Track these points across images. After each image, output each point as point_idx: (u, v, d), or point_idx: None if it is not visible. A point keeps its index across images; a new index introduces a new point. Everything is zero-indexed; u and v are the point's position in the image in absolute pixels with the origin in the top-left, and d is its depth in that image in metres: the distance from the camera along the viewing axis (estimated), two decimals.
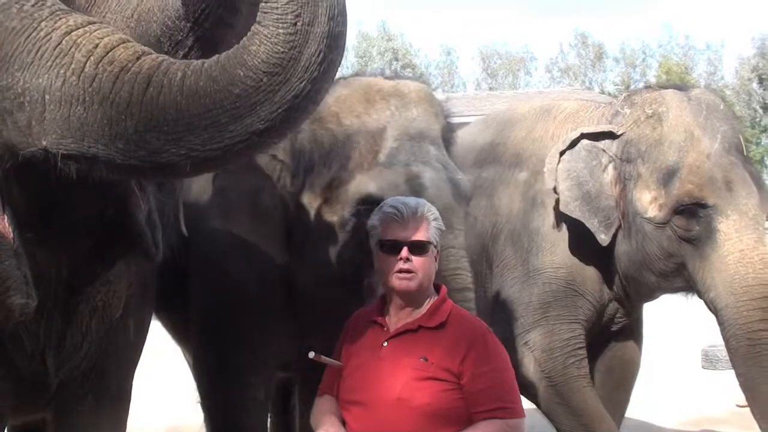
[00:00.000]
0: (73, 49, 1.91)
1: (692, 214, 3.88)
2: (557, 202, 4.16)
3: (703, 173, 3.87)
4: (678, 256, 3.96)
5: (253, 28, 1.91)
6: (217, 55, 1.93)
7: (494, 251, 4.54)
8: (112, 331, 3.01)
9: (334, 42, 1.92)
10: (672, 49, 47.19)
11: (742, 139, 4.03)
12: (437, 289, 2.57)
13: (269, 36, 1.87)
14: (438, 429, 2.35)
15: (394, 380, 2.39)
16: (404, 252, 2.44)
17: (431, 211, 2.52)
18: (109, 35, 1.96)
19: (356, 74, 3.85)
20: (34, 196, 2.26)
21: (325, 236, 3.32)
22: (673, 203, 3.90)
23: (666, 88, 4.27)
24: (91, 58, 1.91)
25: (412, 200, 2.59)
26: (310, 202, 3.33)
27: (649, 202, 3.99)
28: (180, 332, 4.31)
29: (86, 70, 1.90)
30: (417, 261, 2.44)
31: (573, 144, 4.17)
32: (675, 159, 3.93)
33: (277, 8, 1.88)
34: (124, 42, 1.96)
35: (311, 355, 2.50)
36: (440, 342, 2.41)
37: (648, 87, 4.46)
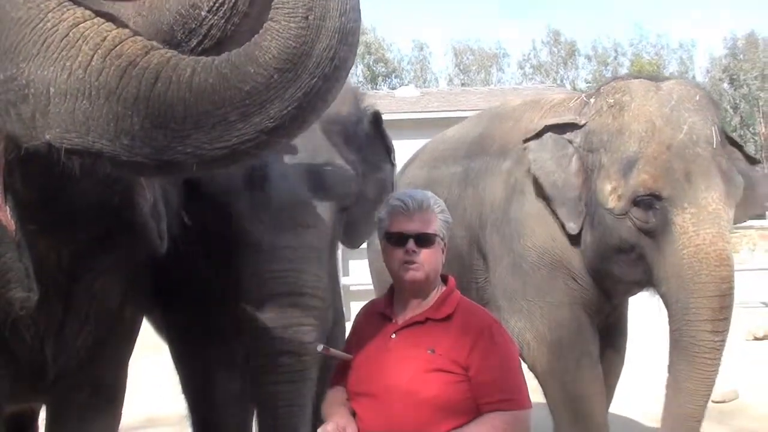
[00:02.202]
0: (80, 42, 1.86)
1: (649, 206, 3.81)
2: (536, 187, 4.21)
3: (660, 164, 3.79)
4: (638, 247, 3.92)
5: (265, 25, 1.88)
6: (227, 52, 1.90)
7: (484, 242, 4.54)
8: (109, 320, 3.00)
9: (346, 38, 1.89)
10: (644, 47, 47.67)
11: (715, 131, 3.91)
12: (445, 281, 2.57)
13: (280, 31, 1.84)
14: (446, 420, 2.35)
15: (402, 372, 2.40)
16: (410, 244, 2.45)
17: (438, 204, 2.53)
18: (117, 28, 1.92)
19: None
20: (39, 186, 2.23)
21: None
22: (630, 194, 3.84)
23: (638, 78, 4.21)
24: (99, 51, 1.85)
25: (419, 193, 2.59)
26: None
27: (609, 193, 3.94)
28: (160, 323, 4.26)
29: (93, 63, 1.85)
30: (423, 253, 2.45)
31: (538, 135, 4.20)
32: (635, 149, 3.87)
33: (288, 2, 1.85)
34: (132, 36, 1.91)
35: (319, 348, 2.49)
36: (447, 334, 2.42)
37: (618, 77, 4.41)
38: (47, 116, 1.87)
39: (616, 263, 4.06)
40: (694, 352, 3.75)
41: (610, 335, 4.66)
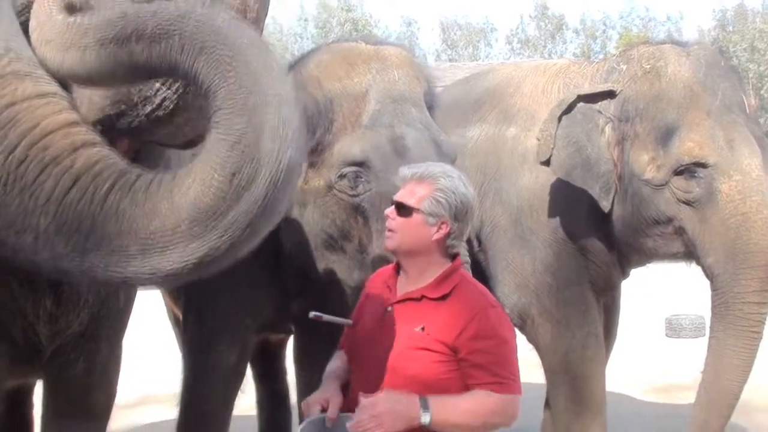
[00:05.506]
0: (9, 125, 1.82)
1: (692, 175, 3.70)
2: (551, 167, 3.96)
3: (704, 131, 3.69)
4: (677, 219, 3.80)
5: (197, 158, 1.80)
6: (153, 176, 1.83)
7: (482, 211, 4.31)
8: (104, 297, 2.98)
9: (268, 210, 1.78)
10: (632, 20, 47.48)
11: (744, 98, 3.85)
12: (454, 259, 2.50)
13: (203, 180, 1.75)
14: None
15: (390, 347, 2.36)
16: (389, 210, 2.44)
17: (442, 181, 2.41)
18: (54, 114, 1.86)
19: (338, 41, 3.90)
20: None
21: (311, 201, 3.38)
22: (672, 163, 3.73)
23: (663, 43, 4.07)
24: (26, 139, 1.82)
25: (432, 166, 2.52)
26: None
27: (646, 163, 3.81)
28: (173, 299, 4.43)
29: (17, 152, 1.80)
30: (398, 222, 2.41)
31: (570, 108, 3.93)
32: (674, 116, 3.76)
33: (219, 154, 1.74)
34: (65, 126, 1.86)
35: (311, 315, 2.49)
36: (440, 314, 2.36)
37: (645, 42, 4.25)
38: None
39: (651, 236, 3.95)
40: (742, 325, 3.69)
41: (608, 308, 4.62)
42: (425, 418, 2.21)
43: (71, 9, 2.03)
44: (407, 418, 2.22)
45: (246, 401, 5.05)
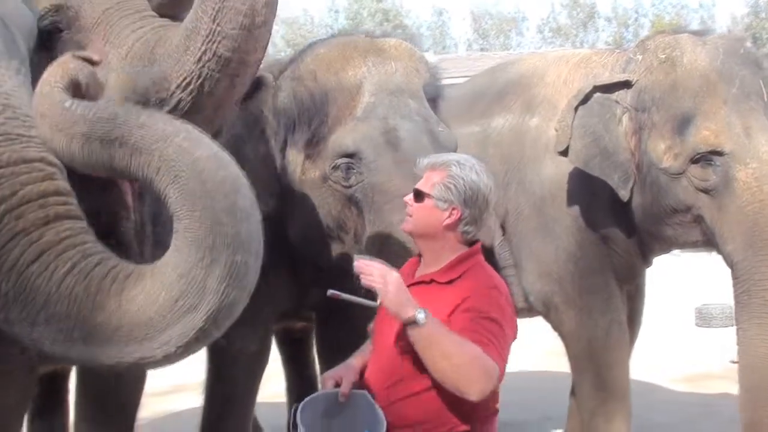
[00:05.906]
0: None
1: (709, 163, 3.71)
2: (569, 157, 3.97)
3: (720, 119, 3.69)
4: (695, 207, 3.80)
5: (150, 269, 1.88)
6: (112, 266, 1.90)
7: (506, 200, 4.33)
8: None
9: (202, 336, 1.88)
10: (665, 8, 47.00)
11: (762, 85, 3.82)
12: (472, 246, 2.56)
13: (150, 294, 1.84)
14: (426, 375, 2.35)
15: (393, 327, 2.42)
16: (408, 196, 2.54)
17: (453, 168, 2.48)
18: (34, 183, 1.92)
19: (337, 34, 3.98)
20: None
21: (308, 192, 3.45)
22: (688, 152, 3.74)
23: (681, 32, 4.06)
24: (2, 206, 1.87)
25: (447, 155, 2.64)
26: (294, 158, 3.47)
27: (663, 152, 3.82)
28: None
29: None
30: (414, 207, 2.51)
31: (586, 99, 3.94)
32: (690, 105, 3.76)
33: (169, 277, 1.83)
34: (43, 196, 1.92)
35: (330, 293, 2.55)
36: (444, 296, 2.43)
37: (662, 32, 4.23)
38: None
39: (670, 225, 3.97)
40: (765, 313, 3.67)
41: (632, 297, 4.61)
42: (420, 314, 2.25)
43: (76, 88, 2.12)
44: (403, 305, 2.27)
45: (272, 388, 5.13)
